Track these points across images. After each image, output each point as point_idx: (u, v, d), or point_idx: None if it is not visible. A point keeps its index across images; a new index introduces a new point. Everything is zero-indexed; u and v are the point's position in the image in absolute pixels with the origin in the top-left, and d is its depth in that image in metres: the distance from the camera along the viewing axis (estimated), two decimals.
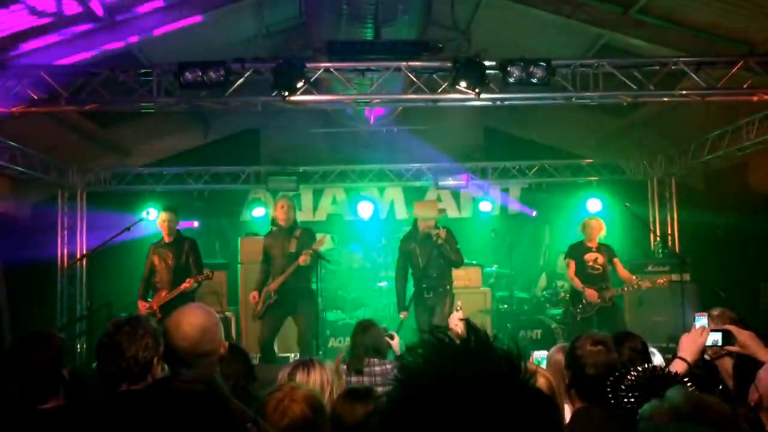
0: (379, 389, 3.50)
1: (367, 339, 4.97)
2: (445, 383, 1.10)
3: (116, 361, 2.93)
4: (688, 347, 3.69)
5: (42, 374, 3.18)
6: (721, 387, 3.61)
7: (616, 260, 9.07)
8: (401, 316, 8.36)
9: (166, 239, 8.62)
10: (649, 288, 8.94)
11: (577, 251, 9.16)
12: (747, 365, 3.48)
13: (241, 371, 3.82)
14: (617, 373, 3.10)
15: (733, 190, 10.22)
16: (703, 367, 4.03)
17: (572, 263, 9.10)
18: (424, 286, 8.13)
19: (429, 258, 8.07)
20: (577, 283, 8.95)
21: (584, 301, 8.83)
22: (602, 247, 9.10)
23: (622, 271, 9.03)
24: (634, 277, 9.00)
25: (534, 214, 12.31)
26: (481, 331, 1.18)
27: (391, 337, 5.18)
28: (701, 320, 4.06)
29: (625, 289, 8.97)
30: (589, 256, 8.97)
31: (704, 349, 3.89)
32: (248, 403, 2.67)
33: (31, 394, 3.16)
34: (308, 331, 8.02)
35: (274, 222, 8.39)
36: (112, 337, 3.00)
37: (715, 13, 7.59)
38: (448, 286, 8.19)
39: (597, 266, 8.94)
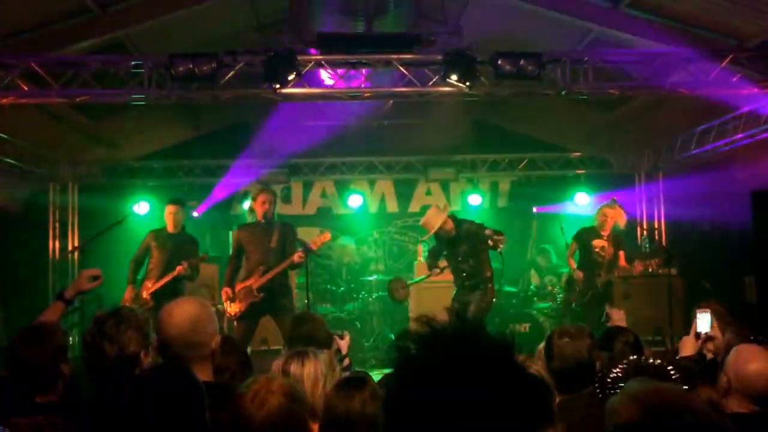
0: (272, 367, 3.50)
1: (302, 330, 5.03)
2: (441, 366, 1.13)
3: (101, 359, 2.95)
4: (688, 348, 3.82)
5: (39, 371, 3.14)
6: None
7: (621, 252, 9.10)
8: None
9: (170, 230, 8.57)
10: (638, 276, 9.02)
11: (585, 236, 9.15)
12: None
13: (235, 364, 3.81)
14: (606, 366, 3.16)
15: (719, 184, 10.28)
16: (699, 362, 4.11)
17: (575, 245, 9.15)
18: (459, 282, 8.33)
19: (459, 256, 8.23)
20: (571, 263, 9.04)
21: (577, 288, 8.88)
22: (612, 237, 9.08)
23: (623, 263, 9.09)
24: (632, 267, 9.15)
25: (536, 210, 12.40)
26: (469, 318, 1.21)
27: (341, 337, 5.12)
28: (704, 316, 4.12)
29: (617, 274, 8.98)
30: (597, 242, 8.96)
31: (704, 341, 3.99)
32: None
33: (29, 389, 3.13)
34: None
35: (252, 214, 8.22)
36: (94, 335, 2.99)
37: (704, 7, 7.64)
38: (483, 283, 8.27)
39: (602, 254, 8.93)
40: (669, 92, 7.84)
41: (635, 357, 3.11)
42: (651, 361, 2.98)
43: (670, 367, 2.86)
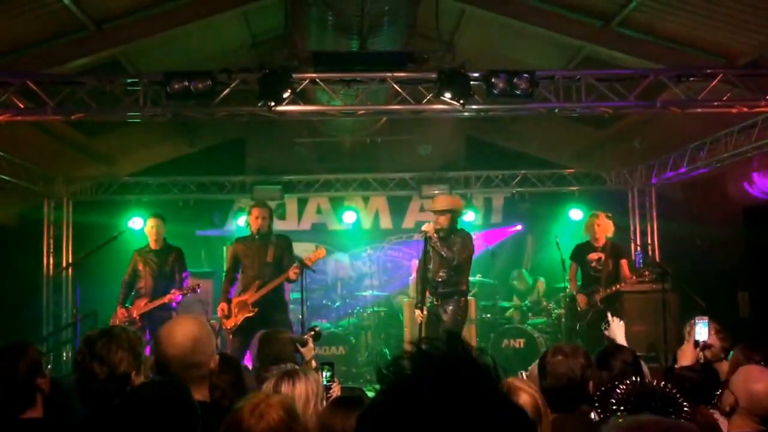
0: (263, 387, 3.50)
1: (269, 350, 5.03)
2: (423, 395, 1.13)
3: (91, 380, 2.91)
4: (687, 357, 3.87)
5: (16, 387, 3.09)
6: (720, 392, 3.70)
7: (623, 261, 8.79)
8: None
9: (153, 246, 8.58)
10: (638, 292, 8.87)
11: (580, 252, 8.85)
12: None
13: (230, 381, 3.80)
14: (607, 385, 3.17)
15: (711, 201, 10.35)
16: (701, 372, 4.15)
17: (574, 265, 8.83)
18: (432, 290, 7.87)
19: (435, 259, 7.84)
20: (572, 286, 8.70)
21: (578, 307, 8.57)
22: (608, 246, 8.73)
23: (627, 273, 8.74)
24: (632, 277, 8.69)
25: (520, 227, 12.44)
26: (465, 343, 1.22)
27: (303, 343, 5.14)
28: (702, 324, 4.17)
29: (616, 287, 8.58)
30: (592, 256, 8.67)
31: (703, 349, 4.03)
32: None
33: (6, 406, 3.08)
34: None
35: (248, 229, 8.17)
36: (84, 355, 2.96)
37: (694, 26, 7.73)
38: (457, 295, 7.82)
39: (599, 267, 8.62)
40: (660, 110, 7.90)
41: (641, 379, 3.11)
42: (660, 384, 2.98)
43: (679, 396, 2.86)
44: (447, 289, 7.83)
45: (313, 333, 5.50)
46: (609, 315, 5.36)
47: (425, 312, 7.79)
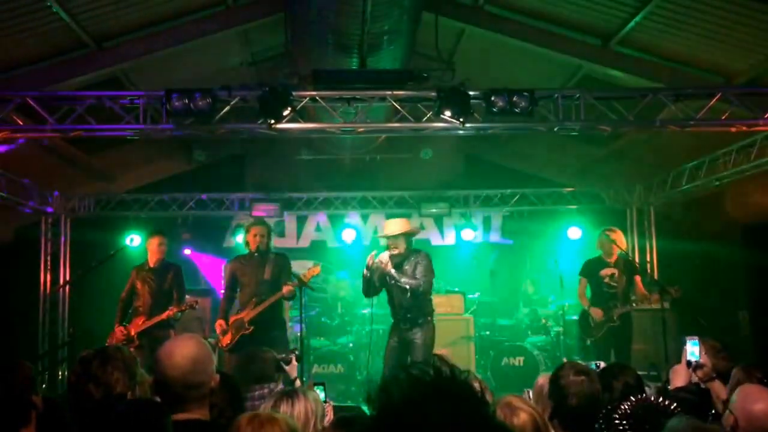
0: (261, 407, 3.51)
1: (252, 369, 5.02)
2: (413, 420, 1.14)
3: (86, 401, 2.90)
4: (680, 377, 3.84)
5: (11, 403, 3.05)
6: (713, 411, 3.68)
7: (637, 278, 8.65)
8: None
9: (152, 264, 8.55)
10: (639, 310, 8.80)
11: (592, 268, 8.70)
12: None
13: (228, 399, 3.78)
14: (609, 406, 3.15)
15: (710, 219, 10.36)
16: (696, 393, 4.13)
17: (584, 281, 8.67)
18: (399, 316, 7.60)
19: (395, 289, 7.58)
20: (584, 302, 8.58)
21: (592, 322, 8.41)
22: (621, 262, 8.59)
23: (641, 290, 8.58)
24: (651, 295, 8.52)
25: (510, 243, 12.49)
26: (453, 367, 1.21)
27: (288, 362, 5.16)
28: (693, 343, 4.15)
29: (635, 305, 8.43)
30: (605, 272, 8.54)
31: (695, 369, 4.01)
32: None
33: (1, 424, 3.04)
34: None
35: (247, 246, 8.08)
36: (79, 376, 2.94)
37: (692, 45, 7.77)
38: (423, 318, 7.50)
39: (613, 284, 8.47)
40: (659, 129, 7.91)
41: (642, 395, 3.10)
42: (660, 400, 2.96)
43: (674, 406, 2.85)
44: (413, 314, 7.51)
45: (295, 354, 5.57)
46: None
47: (395, 339, 7.61)
